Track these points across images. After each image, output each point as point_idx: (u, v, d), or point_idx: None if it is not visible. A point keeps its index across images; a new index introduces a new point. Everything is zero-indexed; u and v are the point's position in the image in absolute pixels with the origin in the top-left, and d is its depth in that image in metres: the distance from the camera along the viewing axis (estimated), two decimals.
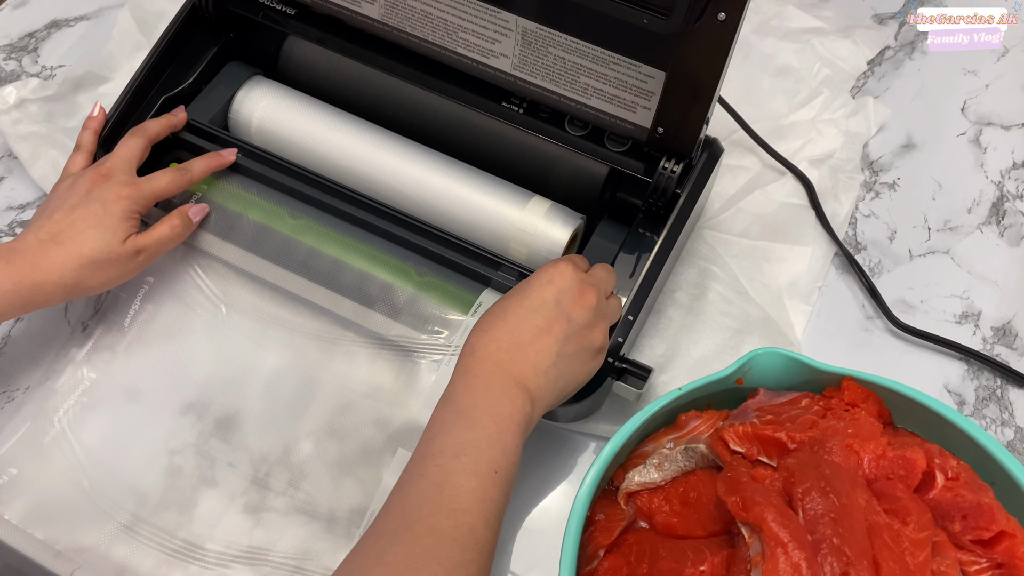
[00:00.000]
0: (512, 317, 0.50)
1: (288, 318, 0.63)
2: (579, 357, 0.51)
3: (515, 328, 0.49)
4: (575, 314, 0.50)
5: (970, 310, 0.68)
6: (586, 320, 0.51)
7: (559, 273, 0.51)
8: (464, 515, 0.43)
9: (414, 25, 0.61)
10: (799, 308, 0.67)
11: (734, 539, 0.45)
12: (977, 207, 0.73)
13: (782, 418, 0.48)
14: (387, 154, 0.64)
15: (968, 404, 0.64)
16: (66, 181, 0.60)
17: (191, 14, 0.67)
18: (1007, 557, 0.44)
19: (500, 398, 0.47)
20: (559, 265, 0.52)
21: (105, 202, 0.57)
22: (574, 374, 0.51)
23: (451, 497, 0.43)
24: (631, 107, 0.57)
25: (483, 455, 0.45)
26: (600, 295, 0.52)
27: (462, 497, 0.43)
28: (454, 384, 0.48)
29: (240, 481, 0.58)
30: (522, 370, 0.48)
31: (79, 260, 0.55)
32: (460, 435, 0.46)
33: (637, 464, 0.51)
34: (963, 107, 0.78)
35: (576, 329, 0.50)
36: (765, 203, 0.72)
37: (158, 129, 0.63)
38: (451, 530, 0.42)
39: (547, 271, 0.52)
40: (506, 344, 0.49)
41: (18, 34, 0.81)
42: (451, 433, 0.46)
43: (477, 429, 0.46)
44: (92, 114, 0.64)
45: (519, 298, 0.51)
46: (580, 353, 0.51)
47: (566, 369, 0.50)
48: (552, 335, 0.49)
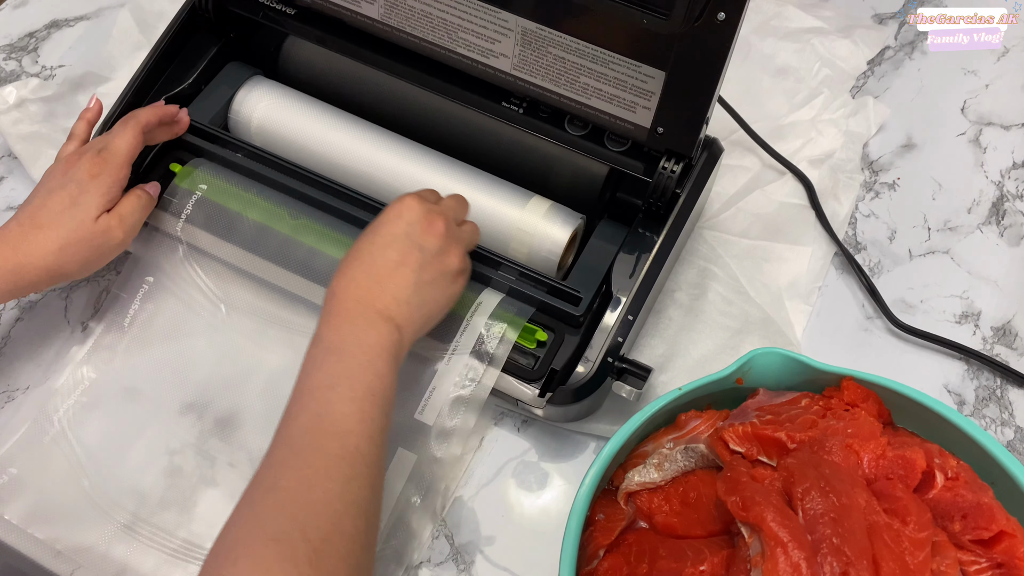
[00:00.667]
0: (367, 256, 0.52)
1: (288, 318, 0.63)
2: (438, 283, 0.53)
3: (370, 265, 0.52)
4: (427, 243, 0.53)
5: (970, 310, 0.68)
6: (438, 247, 0.53)
7: (405, 207, 0.54)
8: (348, 436, 0.45)
9: (414, 25, 0.61)
10: (799, 308, 0.67)
11: (734, 539, 0.45)
12: (977, 207, 0.73)
13: (782, 418, 0.48)
14: (387, 154, 0.64)
15: (968, 404, 0.64)
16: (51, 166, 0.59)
17: (191, 14, 0.67)
18: (1007, 557, 0.44)
19: (366, 330, 0.49)
20: (404, 200, 0.54)
21: (80, 182, 0.56)
22: (436, 299, 0.54)
23: (332, 423, 0.46)
24: (631, 107, 0.57)
25: (357, 382, 0.47)
26: (449, 222, 0.55)
27: (343, 421, 0.46)
28: (320, 328, 0.50)
29: (240, 481, 0.58)
30: (384, 303, 0.51)
31: (57, 242, 0.55)
32: (332, 368, 0.48)
33: (637, 464, 0.51)
34: (963, 107, 0.78)
35: (430, 257, 0.53)
36: (765, 203, 0.72)
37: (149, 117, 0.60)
38: (338, 450, 0.45)
39: (394, 207, 0.54)
40: (365, 282, 0.51)
41: (18, 34, 0.81)
42: (323, 368, 0.48)
43: (347, 360, 0.48)
44: (88, 106, 0.63)
45: (371, 237, 0.53)
46: (439, 279, 0.53)
47: (427, 296, 0.53)
48: (408, 266, 0.52)
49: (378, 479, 0.47)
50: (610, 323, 0.57)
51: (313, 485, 0.43)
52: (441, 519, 0.59)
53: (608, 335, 0.57)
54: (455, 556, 0.58)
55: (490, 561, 0.58)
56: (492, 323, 0.58)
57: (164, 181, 0.64)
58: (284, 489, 0.43)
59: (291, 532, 0.41)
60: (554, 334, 0.58)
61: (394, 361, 0.50)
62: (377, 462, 0.47)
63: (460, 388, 0.57)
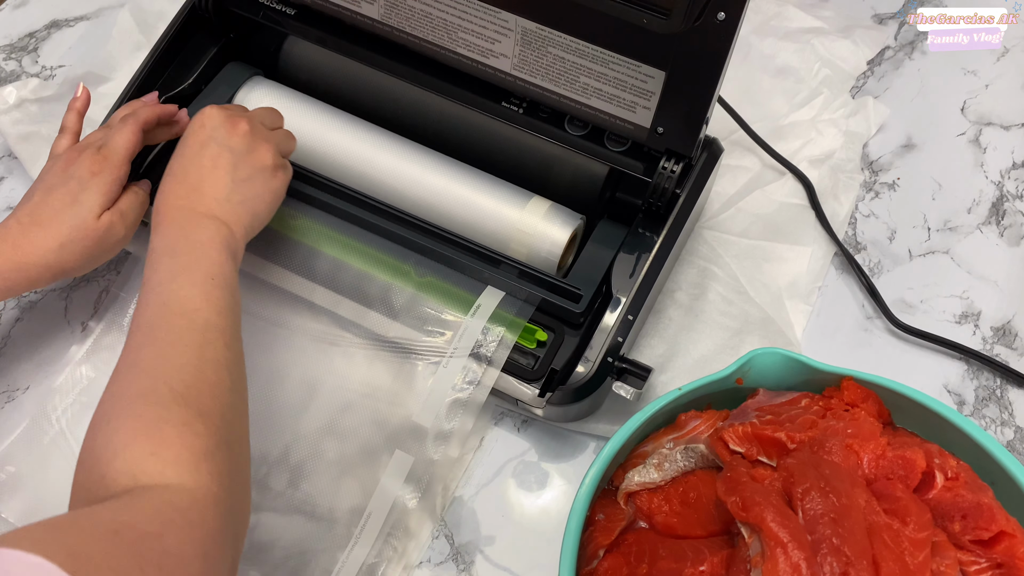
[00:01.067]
0: (179, 170, 0.54)
1: (287, 318, 0.63)
2: (256, 179, 0.55)
3: (184, 176, 0.54)
4: (234, 143, 0.55)
5: (970, 310, 0.68)
6: (247, 146, 0.55)
7: (206, 116, 0.56)
8: (195, 312, 0.48)
9: (414, 25, 0.61)
10: (799, 308, 0.67)
11: (734, 539, 0.45)
12: (977, 207, 0.73)
13: (782, 418, 0.48)
14: (387, 154, 0.64)
15: (968, 404, 0.64)
16: (48, 163, 0.59)
17: (191, 14, 0.67)
18: (1007, 557, 0.44)
19: (193, 230, 0.51)
20: (203, 111, 0.56)
21: (80, 179, 0.56)
22: (259, 195, 0.55)
23: (179, 305, 0.48)
24: (631, 107, 0.57)
25: (195, 271, 0.50)
26: (254, 123, 0.57)
27: (188, 302, 0.48)
28: (151, 240, 0.52)
29: None
30: (205, 205, 0.53)
31: (59, 240, 0.55)
32: (168, 266, 0.50)
33: (637, 464, 0.51)
34: (963, 107, 0.78)
35: (241, 156, 0.55)
36: (765, 203, 0.72)
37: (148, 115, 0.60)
38: (188, 324, 0.47)
39: (194, 121, 0.56)
40: (182, 191, 0.53)
41: (18, 34, 0.81)
42: (159, 269, 0.50)
43: (180, 256, 0.50)
44: (76, 95, 0.63)
45: (180, 151, 0.55)
46: (256, 175, 0.55)
47: (248, 192, 0.54)
48: (220, 168, 0.54)
49: (235, 343, 0.49)
50: (610, 323, 0.57)
51: (169, 353, 0.46)
52: (441, 519, 0.59)
53: (608, 335, 0.57)
54: (455, 556, 0.58)
55: (490, 561, 0.58)
56: (491, 326, 0.58)
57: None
58: (143, 360, 0.46)
59: (155, 386, 0.44)
60: (554, 334, 0.58)
61: (228, 251, 0.52)
62: (230, 329, 0.49)
63: (458, 391, 0.57)
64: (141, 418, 0.42)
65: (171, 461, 0.41)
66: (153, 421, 0.42)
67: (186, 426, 0.42)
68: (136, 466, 0.41)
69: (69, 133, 0.61)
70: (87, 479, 0.42)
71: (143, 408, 0.43)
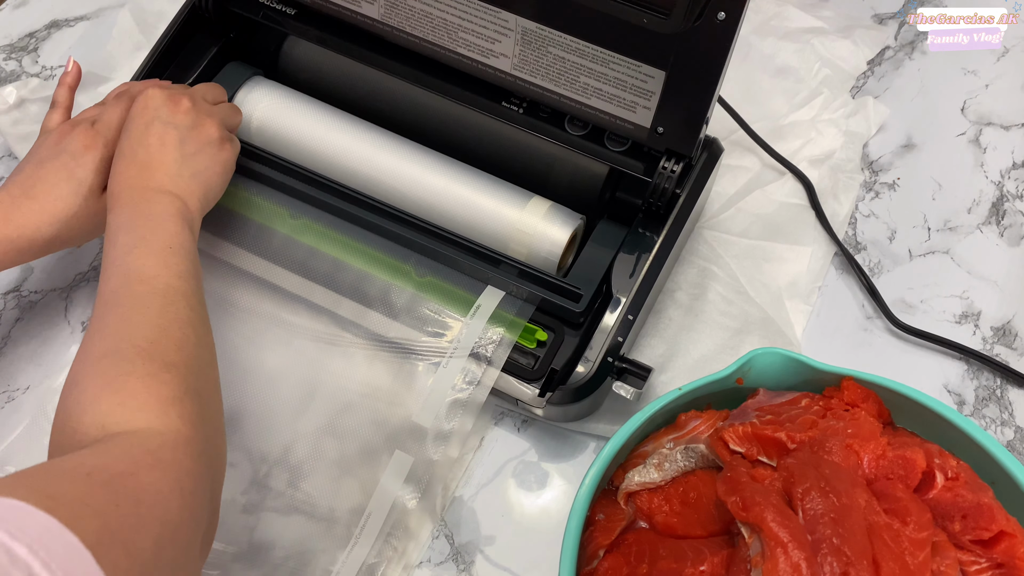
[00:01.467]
0: (128, 151, 0.54)
1: (287, 318, 0.63)
2: (205, 152, 0.56)
3: (133, 157, 0.54)
4: (177, 120, 0.55)
5: (970, 310, 0.68)
6: (191, 121, 0.56)
7: (148, 96, 0.56)
8: (154, 279, 0.48)
9: (414, 25, 0.61)
10: (799, 308, 0.67)
11: (734, 539, 0.45)
12: (977, 207, 0.73)
13: (782, 418, 0.48)
14: (386, 154, 0.64)
15: (968, 404, 0.64)
16: (40, 138, 0.58)
17: (191, 14, 0.67)
18: (1007, 557, 0.44)
19: (147, 205, 0.52)
20: (144, 91, 0.56)
21: (74, 153, 0.55)
22: (209, 167, 0.56)
23: (137, 273, 0.48)
24: (631, 107, 0.57)
25: (152, 241, 0.50)
26: (195, 99, 0.57)
27: (146, 270, 0.48)
28: (107, 222, 0.52)
29: (239, 481, 0.58)
30: (157, 180, 0.53)
31: (54, 214, 0.54)
32: (124, 240, 0.50)
33: (637, 464, 0.51)
34: (963, 107, 0.78)
35: (187, 131, 0.55)
36: (765, 203, 0.72)
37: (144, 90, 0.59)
38: (149, 290, 0.48)
39: (137, 102, 0.56)
40: (133, 171, 0.53)
41: (18, 34, 0.81)
42: (117, 243, 0.50)
43: (137, 230, 0.51)
44: (67, 69, 0.62)
45: (126, 133, 0.55)
46: (204, 148, 0.56)
47: (199, 165, 0.55)
48: (167, 144, 0.54)
49: (198, 306, 0.50)
50: (610, 323, 0.57)
51: (131, 316, 0.46)
52: (441, 519, 0.59)
53: (608, 335, 0.57)
54: (455, 556, 0.58)
55: (490, 561, 0.58)
56: (491, 326, 0.58)
57: None
58: (107, 327, 0.46)
59: (119, 346, 0.44)
60: (554, 334, 0.58)
61: (183, 222, 0.52)
62: (193, 293, 0.50)
63: (458, 391, 0.57)
64: (106, 375, 0.43)
65: (138, 408, 0.42)
66: (118, 375, 0.43)
67: (151, 376, 0.43)
68: (105, 417, 0.41)
69: (60, 108, 0.60)
70: (59, 438, 0.43)
71: (108, 366, 0.44)
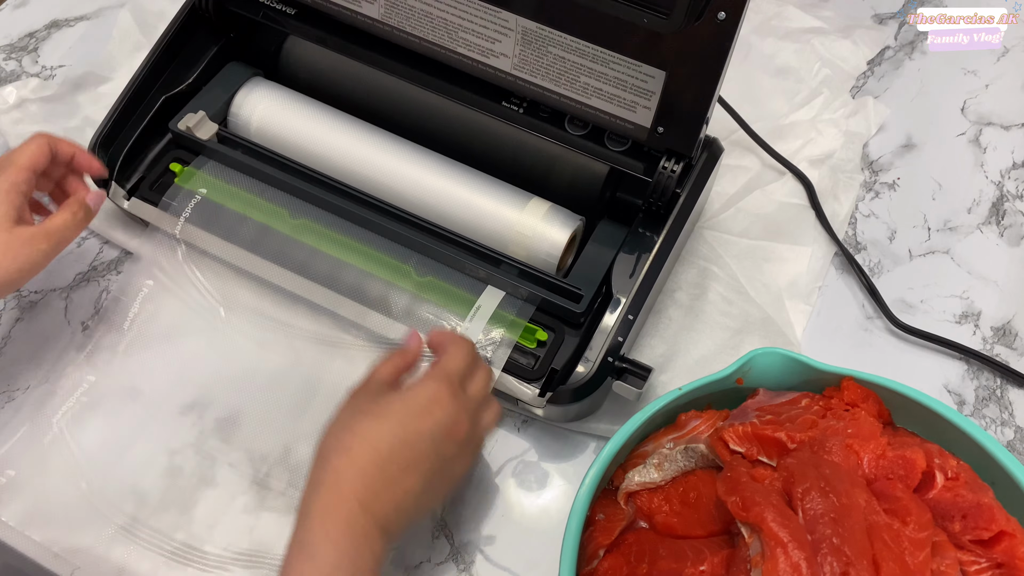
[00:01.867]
0: (383, 446, 0.46)
1: (288, 319, 0.63)
2: (435, 489, 0.49)
3: (385, 461, 0.46)
4: (445, 449, 0.48)
5: (970, 310, 0.68)
6: (454, 453, 0.49)
7: (438, 404, 0.48)
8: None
9: (414, 25, 0.61)
10: (799, 308, 0.67)
11: (734, 539, 0.45)
12: (977, 207, 0.73)
13: (782, 418, 0.48)
14: (386, 156, 0.64)
15: (968, 404, 0.64)
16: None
17: (191, 14, 0.67)
18: (1007, 557, 0.44)
19: (363, 550, 0.44)
20: (440, 392, 0.48)
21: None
22: (428, 506, 0.50)
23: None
24: (631, 106, 0.57)
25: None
26: (474, 422, 0.50)
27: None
28: (312, 524, 0.44)
29: (240, 481, 0.58)
30: (385, 512, 0.46)
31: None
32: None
33: (637, 464, 0.51)
34: (963, 107, 0.78)
35: (443, 463, 0.48)
36: (765, 203, 0.72)
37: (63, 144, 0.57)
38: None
39: (426, 394, 0.48)
40: (374, 479, 0.45)
41: (18, 34, 0.81)
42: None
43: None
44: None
45: (392, 424, 0.47)
46: (438, 485, 0.49)
47: (424, 504, 0.48)
48: (420, 473, 0.47)
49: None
50: (610, 323, 0.57)
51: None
52: (441, 519, 0.59)
53: (608, 335, 0.57)
54: (455, 556, 0.58)
55: (490, 561, 0.58)
56: (491, 326, 0.58)
57: (165, 181, 0.64)
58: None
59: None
60: (554, 334, 0.58)
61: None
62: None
63: None
64: None
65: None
66: None
67: None
68: None
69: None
70: None
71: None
